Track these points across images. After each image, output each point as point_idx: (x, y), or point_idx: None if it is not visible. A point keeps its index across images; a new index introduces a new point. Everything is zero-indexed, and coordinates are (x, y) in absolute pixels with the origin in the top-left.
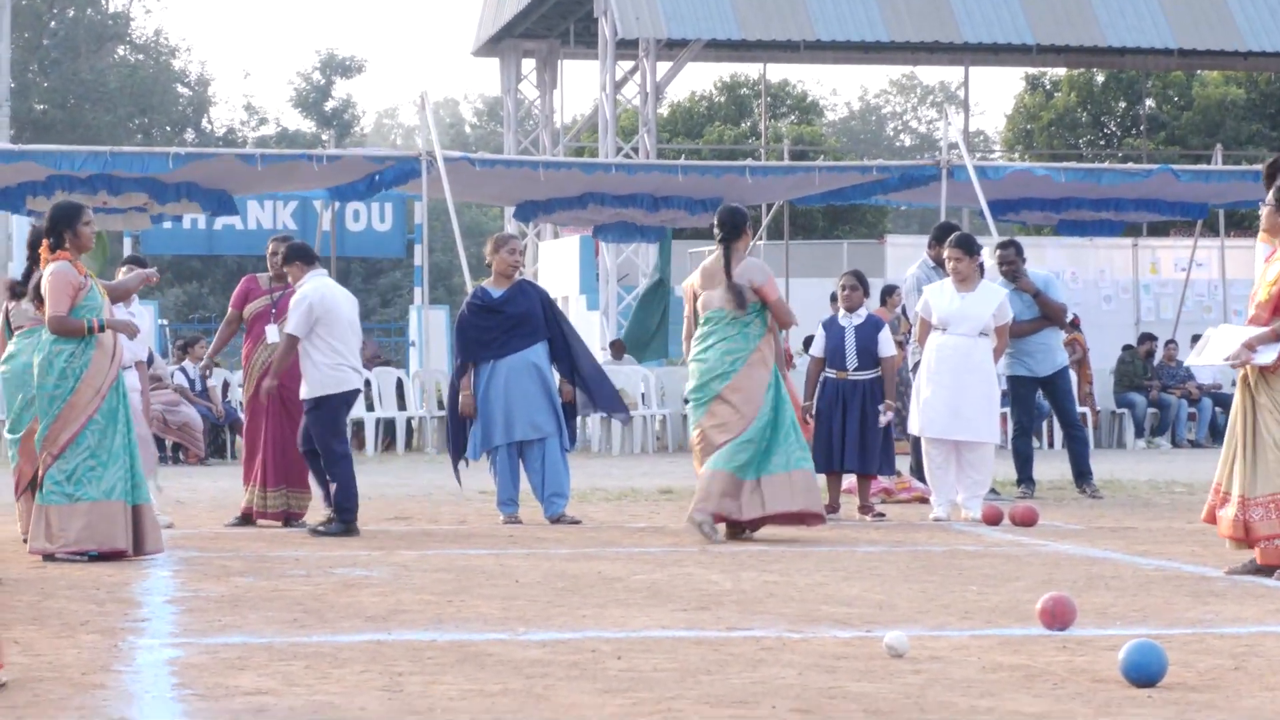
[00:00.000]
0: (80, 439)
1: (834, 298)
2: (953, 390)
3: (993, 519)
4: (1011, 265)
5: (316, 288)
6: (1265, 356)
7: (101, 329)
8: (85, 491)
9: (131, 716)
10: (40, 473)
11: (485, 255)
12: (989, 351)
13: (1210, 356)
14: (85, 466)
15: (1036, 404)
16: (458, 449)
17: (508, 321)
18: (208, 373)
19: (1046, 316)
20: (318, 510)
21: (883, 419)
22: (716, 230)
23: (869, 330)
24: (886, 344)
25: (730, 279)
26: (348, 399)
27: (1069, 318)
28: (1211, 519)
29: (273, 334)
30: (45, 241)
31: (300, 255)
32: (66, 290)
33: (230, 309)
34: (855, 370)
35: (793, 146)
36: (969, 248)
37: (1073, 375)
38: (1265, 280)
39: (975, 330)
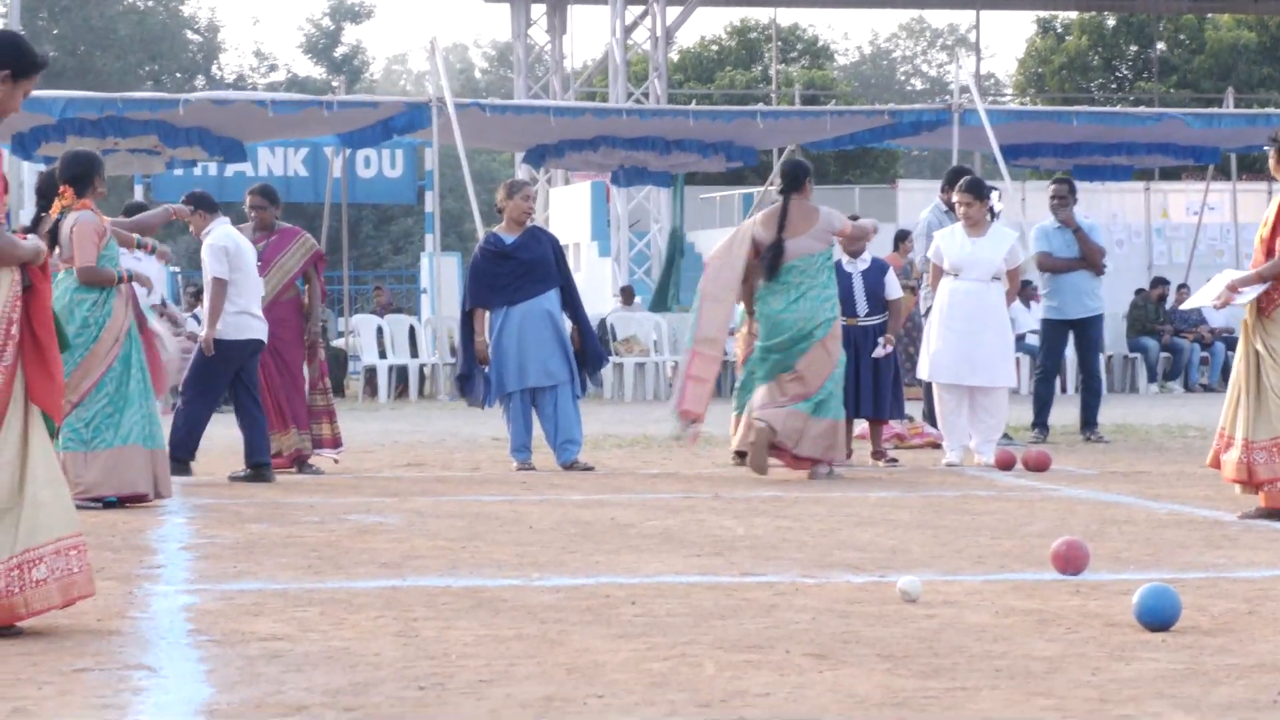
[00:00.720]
0: (100, 386)
1: None
2: (966, 335)
3: (1006, 464)
4: (1063, 200)
5: (229, 233)
6: (1246, 296)
7: (131, 279)
8: (103, 438)
9: (148, 662)
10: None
11: (498, 201)
12: (1002, 296)
13: (1200, 299)
14: (104, 414)
15: (1064, 350)
16: (470, 383)
17: (521, 268)
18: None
19: (1083, 258)
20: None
21: (880, 351)
22: (778, 181)
23: (875, 275)
24: (893, 287)
25: (779, 237)
26: (247, 348)
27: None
28: (1217, 464)
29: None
30: (68, 188)
31: (203, 204)
32: (94, 239)
33: None
34: (866, 316)
35: (804, 91)
36: (979, 192)
37: None
38: (1260, 222)
39: (987, 275)
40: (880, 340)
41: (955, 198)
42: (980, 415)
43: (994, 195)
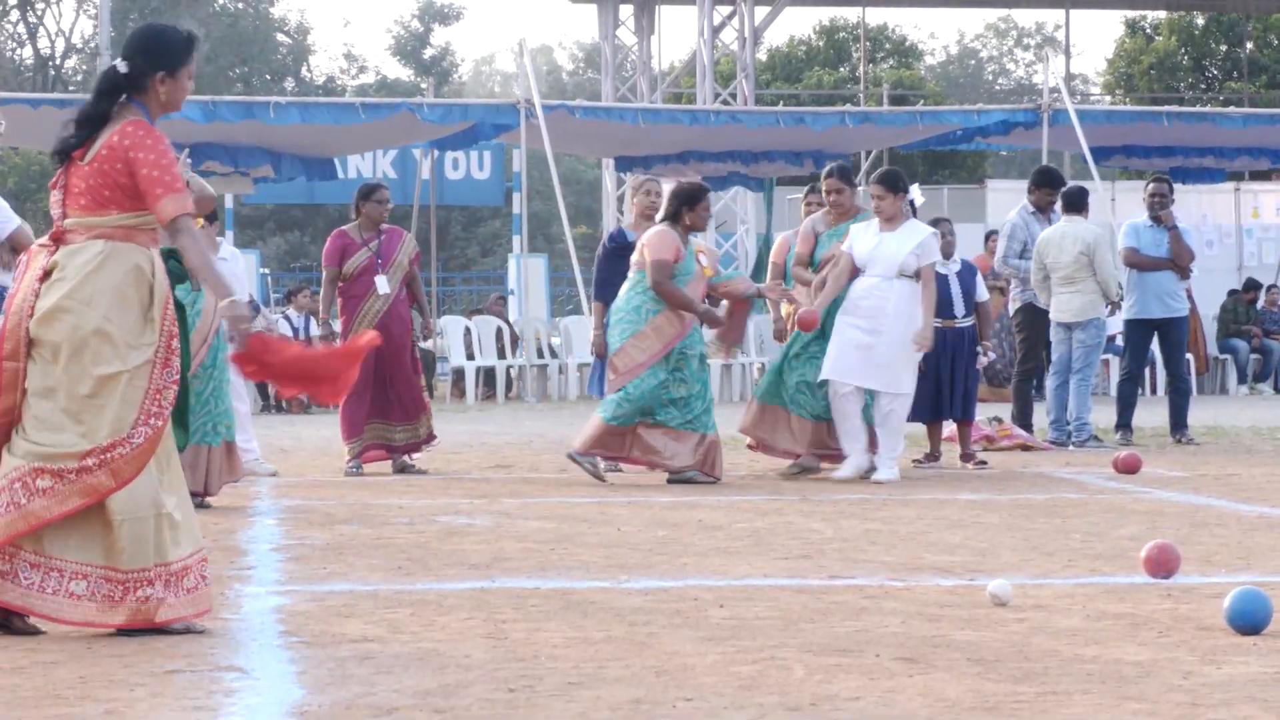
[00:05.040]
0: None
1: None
2: (864, 334)
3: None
4: (1162, 199)
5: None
6: None
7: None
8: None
9: (239, 664)
10: None
11: (630, 197)
12: (909, 295)
13: None
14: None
15: (1149, 351)
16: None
17: None
18: (329, 336)
19: (1171, 259)
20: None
21: (984, 359)
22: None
23: (968, 276)
24: (981, 287)
25: None
26: None
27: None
28: None
29: (383, 284)
30: None
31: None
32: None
33: (328, 267)
34: (963, 318)
35: (892, 90)
36: (892, 184)
37: None
38: None
39: (892, 271)
40: (980, 348)
41: (870, 190)
42: (882, 424)
43: (914, 189)
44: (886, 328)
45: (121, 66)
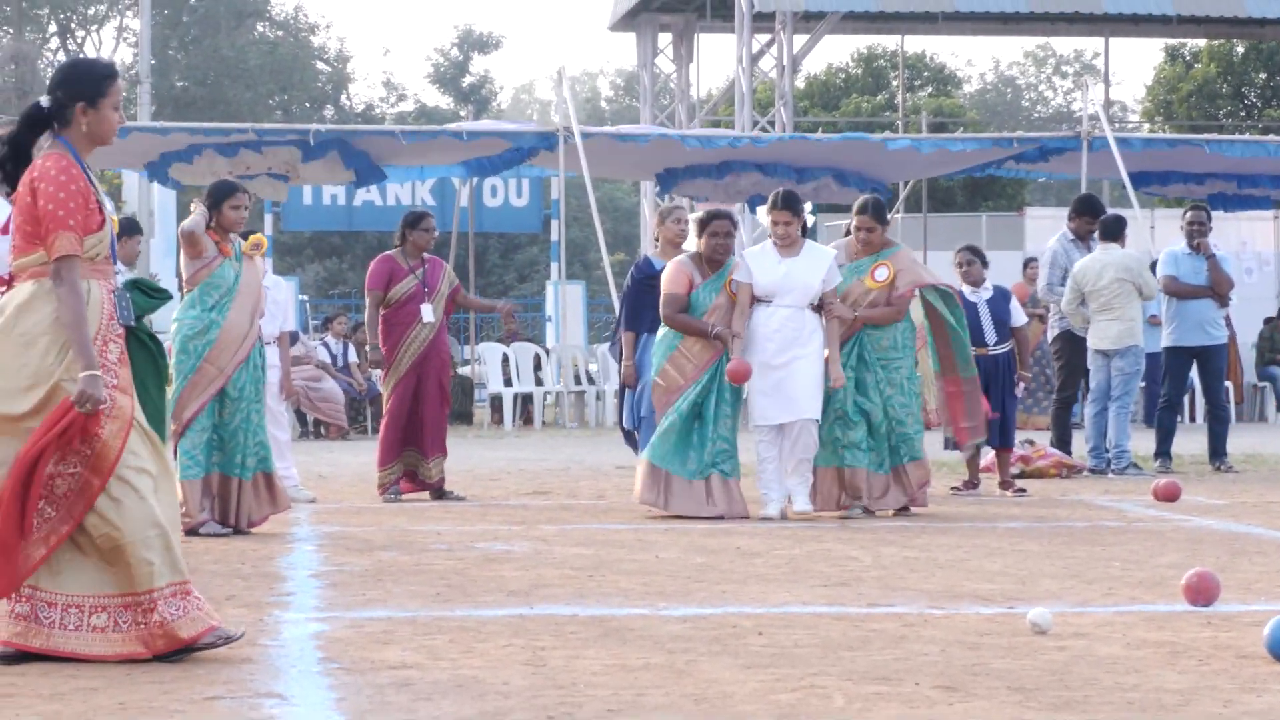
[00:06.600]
0: (206, 414)
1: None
2: (777, 369)
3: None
4: (1200, 227)
5: None
6: None
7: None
8: (204, 465)
9: (278, 690)
10: (173, 445)
11: (653, 227)
12: (818, 324)
13: None
14: (210, 442)
15: (1188, 379)
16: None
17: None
18: (378, 361)
19: (1211, 286)
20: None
21: (1020, 389)
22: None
23: (1000, 302)
24: (1018, 313)
25: None
26: None
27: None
28: None
29: (428, 313)
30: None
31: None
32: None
33: (373, 291)
34: (996, 345)
35: (931, 118)
36: (797, 209)
37: None
38: None
39: (804, 301)
40: (1015, 377)
41: (769, 217)
42: (794, 452)
43: (806, 206)
44: (798, 358)
45: (44, 101)
